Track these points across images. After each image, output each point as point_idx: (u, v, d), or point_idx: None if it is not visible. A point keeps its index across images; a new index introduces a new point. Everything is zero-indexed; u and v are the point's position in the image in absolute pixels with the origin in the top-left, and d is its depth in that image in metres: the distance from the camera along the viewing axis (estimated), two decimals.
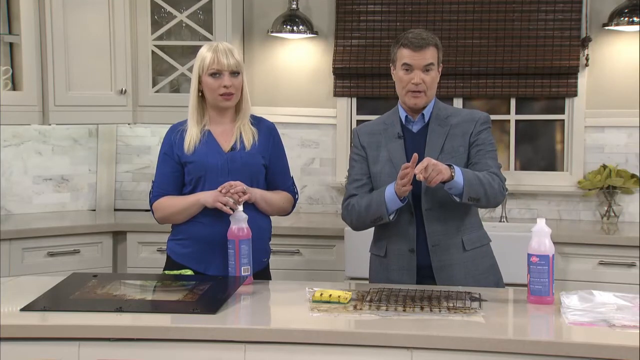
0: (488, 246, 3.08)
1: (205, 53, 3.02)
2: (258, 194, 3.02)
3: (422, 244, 2.98)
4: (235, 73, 3.01)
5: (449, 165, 2.79)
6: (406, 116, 3.04)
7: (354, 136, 3.17)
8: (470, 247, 2.99)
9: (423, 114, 3.02)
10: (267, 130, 3.13)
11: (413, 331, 2.32)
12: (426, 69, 2.96)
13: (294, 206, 3.20)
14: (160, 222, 3.13)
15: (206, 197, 2.96)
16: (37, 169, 4.77)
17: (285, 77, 4.89)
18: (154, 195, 3.09)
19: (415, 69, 2.96)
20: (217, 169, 3.01)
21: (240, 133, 3.06)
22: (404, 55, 2.96)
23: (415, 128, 3.03)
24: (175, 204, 3.03)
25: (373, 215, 2.96)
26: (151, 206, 3.11)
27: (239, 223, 2.84)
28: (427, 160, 2.73)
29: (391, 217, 2.94)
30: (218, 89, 2.99)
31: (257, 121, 3.14)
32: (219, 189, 2.93)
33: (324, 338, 2.33)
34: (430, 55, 2.96)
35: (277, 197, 3.12)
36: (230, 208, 2.88)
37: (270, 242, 3.19)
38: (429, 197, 2.96)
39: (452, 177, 2.77)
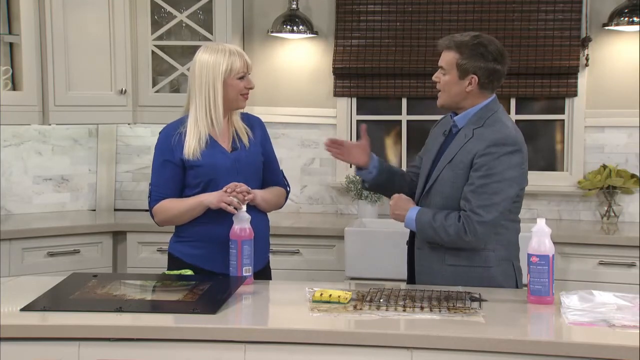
0: (484, 269, 2.90)
1: (228, 58, 3.01)
2: (259, 195, 3.04)
3: (413, 245, 3.04)
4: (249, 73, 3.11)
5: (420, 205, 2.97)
6: (451, 115, 3.04)
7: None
8: (452, 262, 2.91)
9: (455, 120, 2.99)
10: (258, 126, 3.18)
11: (413, 331, 2.32)
12: (441, 70, 2.96)
13: (286, 199, 3.23)
14: (161, 225, 3.13)
15: (210, 199, 2.96)
16: (37, 169, 4.77)
17: (285, 77, 4.89)
18: (154, 199, 3.07)
19: (439, 68, 2.99)
20: (226, 170, 3.02)
21: (236, 132, 3.09)
22: None
23: (454, 130, 3.00)
24: (177, 206, 3.03)
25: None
26: (151, 210, 3.10)
27: (242, 223, 2.84)
28: (395, 198, 3.00)
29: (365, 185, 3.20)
30: (242, 89, 3.05)
31: (245, 117, 3.17)
32: (224, 189, 2.94)
33: (324, 338, 2.33)
34: (443, 57, 2.95)
35: (274, 195, 3.15)
36: (235, 207, 2.88)
37: (271, 242, 3.19)
38: (427, 196, 2.98)
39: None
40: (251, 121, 3.16)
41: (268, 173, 3.16)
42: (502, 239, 2.92)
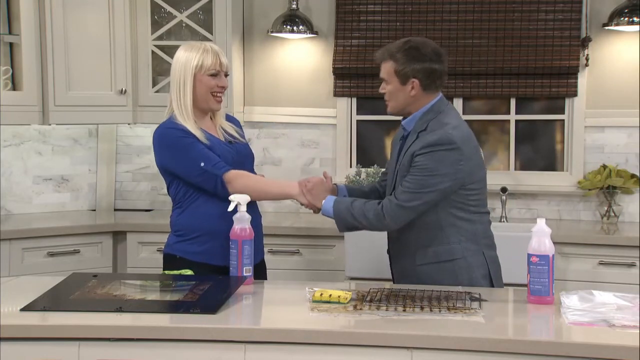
0: (453, 263, 2.94)
1: (201, 54, 3.06)
2: None
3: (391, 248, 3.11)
4: (227, 74, 3.12)
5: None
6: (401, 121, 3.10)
7: None
8: (422, 262, 2.96)
9: (403, 125, 3.05)
10: (238, 124, 3.26)
11: (413, 331, 2.32)
12: (384, 82, 3.02)
13: None
14: (235, 192, 2.97)
15: (303, 200, 3.05)
16: (37, 169, 4.77)
17: (285, 77, 4.89)
18: (221, 166, 2.98)
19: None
20: (232, 162, 3.05)
21: (224, 129, 3.15)
22: None
23: (404, 134, 3.06)
24: (263, 183, 3.09)
25: None
26: (222, 177, 2.98)
27: (242, 223, 2.84)
28: (311, 183, 3.04)
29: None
30: (213, 87, 3.06)
31: (227, 117, 3.24)
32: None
33: (324, 338, 2.33)
34: (382, 70, 3.01)
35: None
36: (235, 208, 2.87)
37: (271, 242, 3.21)
38: None
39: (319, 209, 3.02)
40: (234, 121, 3.24)
41: (249, 166, 3.23)
42: (464, 231, 2.96)
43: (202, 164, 2.98)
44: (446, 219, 2.93)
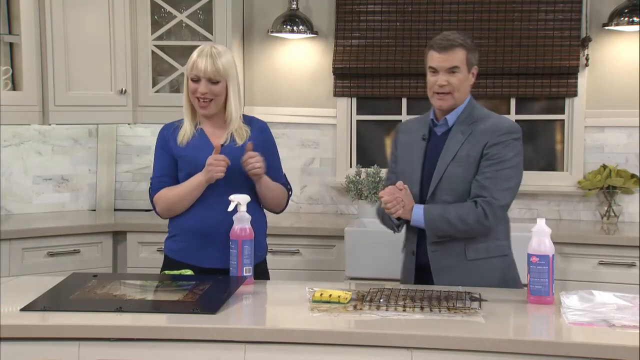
0: (502, 259, 2.98)
1: (193, 55, 3.05)
2: (264, 176, 3.03)
3: (424, 246, 3.00)
4: (213, 81, 2.99)
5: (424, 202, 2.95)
6: (432, 119, 3.05)
7: (393, 133, 3.22)
8: (473, 257, 2.95)
9: (446, 118, 3.00)
10: (258, 128, 3.13)
11: (413, 331, 2.32)
12: (452, 70, 2.95)
13: (287, 202, 3.22)
14: (163, 215, 3.11)
15: (201, 176, 2.98)
16: (37, 169, 4.77)
17: (285, 77, 4.89)
18: (154, 189, 3.11)
19: (441, 71, 2.96)
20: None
21: (232, 133, 3.07)
22: (431, 57, 2.98)
23: (439, 131, 3.02)
24: (175, 190, 3.05)
25: (388, 226, 3.09)
26: (152, 200, 3.12)
27: (242, 223, 2.84)
28: (392, 192, 2.89)
29: (399, 229, 3.06)
30: (195, 92, 3.02)
31: (248, 120, 3.14)
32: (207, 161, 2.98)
33: (324, 338, 2.33)
34: (455, 57, 2.95)
35: (276, 186, 3.13)
36: (235, 208, 2.86)
37: (271, 242, 3.19)
38: (433, 199, 2.97)
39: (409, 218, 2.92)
40: (253, 124, 3.13)
41: (270, 174, 3.08)
42: (505, 228, 3.02)
43: (150, 179, 3.15)
44: None
